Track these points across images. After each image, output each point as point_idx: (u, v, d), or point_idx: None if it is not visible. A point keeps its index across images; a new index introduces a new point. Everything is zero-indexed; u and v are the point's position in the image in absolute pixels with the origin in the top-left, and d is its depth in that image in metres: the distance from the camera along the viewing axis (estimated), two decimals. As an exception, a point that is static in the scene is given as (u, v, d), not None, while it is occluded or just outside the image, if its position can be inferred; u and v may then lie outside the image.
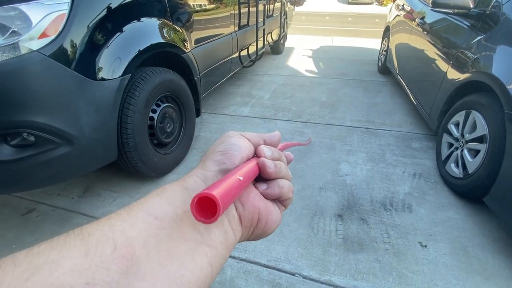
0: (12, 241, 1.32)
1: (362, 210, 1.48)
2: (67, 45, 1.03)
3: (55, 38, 0.99)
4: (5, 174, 1.02)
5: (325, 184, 1.67)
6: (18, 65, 0.92)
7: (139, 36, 1.38)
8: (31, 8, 0.96)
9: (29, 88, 0.95)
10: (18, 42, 0.94)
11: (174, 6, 1.66)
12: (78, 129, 1.09)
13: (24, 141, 1.03)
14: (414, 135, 2.24)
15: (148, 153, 1.50)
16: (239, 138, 0.28)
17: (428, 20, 2.39)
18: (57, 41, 1.00)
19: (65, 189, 1.64)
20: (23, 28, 0.95)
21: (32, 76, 0.95)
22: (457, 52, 1.79)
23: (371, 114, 2.61)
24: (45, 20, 0.96)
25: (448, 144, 1.75)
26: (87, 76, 1.10)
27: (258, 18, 2.98)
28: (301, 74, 3.86)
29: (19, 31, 0.95)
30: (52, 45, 0.98)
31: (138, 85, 1.37)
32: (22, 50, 0.94)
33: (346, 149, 2.04)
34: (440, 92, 1.90)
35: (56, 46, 1.00)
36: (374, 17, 11.18)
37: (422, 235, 1.34)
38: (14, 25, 0.95)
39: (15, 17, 0.95)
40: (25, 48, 0.95)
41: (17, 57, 0.93)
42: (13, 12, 0.95)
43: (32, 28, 0.95)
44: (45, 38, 0.97)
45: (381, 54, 3.94)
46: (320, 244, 1.29)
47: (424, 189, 1.64)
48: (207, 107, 2.73)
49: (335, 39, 6.57)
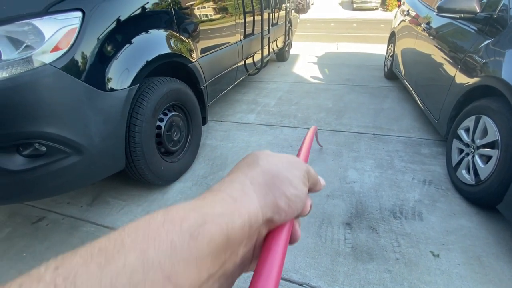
0: (23, 250, 1.34)
1: (371, 218, 1.46)
2: (78, 57, 1.06)
3: (66, 51, 1.02)
4: (18, 183, 1.04)
5: (333, 192, 1.65)
6: (31, 78, 0.96)
7: (147, 47, 1.41)
8: (44, 23, 0.99)
9: (41, 100, 0.98)
10: (32, 56, 0.97)
11: (181, 17, 1.70)
12: (88, 139, 1.12)
13: (36, 151, 1.06)
14: (423, 141, 2.20)
15: (155, 161, 1.52)
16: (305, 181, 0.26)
17: (434, 25, 2.38)
18: (68, 54, 1.03)
19: (74, 198, 1.66)
20: (36, 42, 0.98)
21: (44, 88, 0.98)
22: (465, 56, 1.76)
23: (378, 120, 2.59)
24: (57, 34, 1.00)
25: (459, 150, 1.71)
26: (97, 87, 1.13)
27: (263, 26, 3.02)
28: (307, 80, 3.87)
29: (33, 45, 0.98)
30: (63, 58, 1.02)
31: (146, 95, 1.40)
32: (35, 64, 0.98)
33: (353, 155, 2.02)
34: (449, 97, 1.87)
35: (68, 59, 1.03)
36: (379, 23, 11.20)
37: (434, 244, 1.30)
38: (27, 39, 0.98)
39: (28, 32, 0.99)
40: (38, 62, 0.98)
41: (30, 70, 0.96)
42: (27, 27, 0.99)
43: (45, 42, 0.98)
44: (57, 51, 1.00)
45: (387, 60, 3.93)
46: (328, 253, 1.27)
47: (434, 196, 1.61)
48: (213, 115, 2.75)
49: (340, 45, 6.58)
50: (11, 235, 1.43)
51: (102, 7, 1.17)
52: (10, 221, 1.51)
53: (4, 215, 1.55)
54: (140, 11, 1.38)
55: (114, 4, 1.23)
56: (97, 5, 1.15)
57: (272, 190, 0.23)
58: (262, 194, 0.23)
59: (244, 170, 0.25)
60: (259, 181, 0.24)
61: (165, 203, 1.61)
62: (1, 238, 1.41)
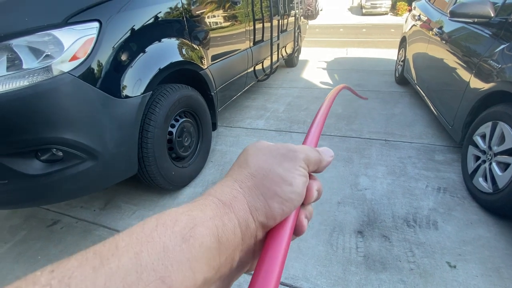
0: (38, 252, 1.37)
1: (383, 227, 1.42)
2: (95, 66, 1.10)
3: (84, 60, 1.06)
4: (36, 187, 1.07)
5: (344, 199, 1.63)
6: (50, 86, 0.99)
7: (159, 55, 1.45)
8: (64, 34, 1.04)
9: (59, 107, 1.01)
10: (51, 65, 1.01)
11: (192, 25, 1.73)
12: (102, 145, 1.15)
13: (53, 156, 1.09)
14: (437, 147, 2.15)
15: (166, 166, 1.54)
16: (306, 172, 0.25)
17: (447, 29, 2.34)
18: (85, 63, 1.07)
19: (87, 202, 1.70)
20: (56, 52, 1.02)
21: (62, 96, 1.02)
22: (479, 61, 1.73)
23: (390, 125, 2.55)
24: (76, 44, 1.04)
25: (475, 157, 1.66)
26: (112, 95, 1.16)
27: (273, 33, 3.05)
28: (316, 86, 3.86)
29: (52, 54, 1.02)
30: (81, 66, 1.06)
31: (158, 102, 1.43)
32: (54, 72, 1.02)
33: (365, 162, 1.99)
34: (463, 102, 1.83)
35: (85, 68, 1.07)
36: (389, 27, 11.12)
37: (450, 255, 1.26)
38: (47, 49, 1.03)
39: (49, 42, 1.03)
40: (57, 70, 1.02)
41: (50, 79, 1.00)
42: (47, 37, 1.03)
43: (64, 52, 1.02)
44: (75, 60, 1.04)
45: (398, 65, 3.88)
46: (340, 261, 1.24)
47: (450, 204, 1.56)
48: (223, 121, 2.77)
49: (349, 50, 6.56)
50: (27, 237, 1.47)
51: (117, 17, 1.21)
52: (26, 224, 1.56)
53: (20, 218, 1.60)
54: (153, 20, 1.42)
55: (129, 14, 1.27)
56: (112, 15, 1.19)
57: (262, 193, 0.22)
58: (252, 198, 0.22)
59: (234, 173, 0.24)
60: (248, 185, 0.23)
61: (175, 208, 1.62)
62: (18, 241, 1.45)
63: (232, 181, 0.23)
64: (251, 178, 0.23)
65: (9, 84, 0.95)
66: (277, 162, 0.24)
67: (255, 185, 0.23)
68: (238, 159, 0.26)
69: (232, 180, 0.23)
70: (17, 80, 0.96)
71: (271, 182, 0.23)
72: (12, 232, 1.51)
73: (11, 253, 1.37)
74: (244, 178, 0.23)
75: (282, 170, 0.23)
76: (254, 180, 0.23)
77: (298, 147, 0.26)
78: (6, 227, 1.54)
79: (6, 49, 0.96)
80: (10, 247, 1.41)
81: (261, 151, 0.25)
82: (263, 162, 0.24)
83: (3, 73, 0.95)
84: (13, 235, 1.49)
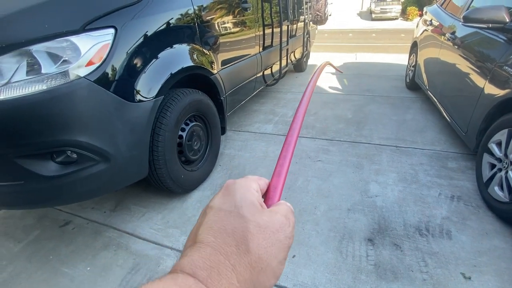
0: (50, 252, 1.40)
1: (394, 235, 1.39)
2: (109, 71, 1.13)
3: (99, 65, 1.09)
4: (50, 188, 1.10)
5: (354, 206, 1.60)
6: (67, 90, 1.02)
7: (171, 60, 1.47)
8: (81, 40, 1.07)
9: (75, 111, 1.04)
10: (68, 69, 1.05)
11: (203, 30, 1.76)
12: (115, 148, 1.17)
13: (68, 158, 1.12)
14: (450, 154, 2.10)
15: (176, 170, 1.55)
16: None
17: (459, 34, 2.30)
18: (101, 68, 1.10)
19: (98, 203, 1.73)
20: (73, 57, 1.05)
21: (78, 100, 1.05)
22: (494, 67, 1.69)
23: (401, 131, 2.51)
24: (92, 50, 1.07)
25: (490, 165, 1.62)
26: (125, 99, 1.19)
27: (282, 38, 3.07)
28: (325, 91, 3.85)
29: (70, 60, 1.06)
30: (96, 71, 1.08)
31: (169, 106, 1.45)
32: (71, 77, 1.05)
33: (375, 168, 1.96)
34: (478, 108, 1.79)
35: (100, 72, 1.09)
36: (399, 32, 11.01)
37: (464, 266, 1.22)
38: (65, 54, 1.06)
39: (66, 48, 1.07)
40: (73, 75, 1.05)
41: (67, 83, 1.03)
42: (65, 43, 1.06)
43: (81, 57, 1.05)
44: (91, 65, 1.07)
45: (409, 70, 3.83)
46: (349, 270, 1.22)
47: (464, 213, 1.52)
48: (231, 125, 2.79)
49: (359, 55, 6.52)
50: (40, 237, 1.50)
51: (131, 24, 1.24)
52: (39, 223, 1.59)
53: (34, 218, 1.64)
54: (165, 26, 1.45)
55: (142, 20, 1.30)
56: (127, 22, 1.22)
57: (255, 286, 0.21)
58: None
59: (232, 256, 0.21)
60: (246, 277, 0.21)
61: (184, 212, 1.63)
62: (31, 240, 1.48)
63: (230, 269, 0.20)
64: (250, 270, 0.21)
65: (28, 88, 0.98)
66: (275, 253, 0.22)
67: (251, 278, 0.21)
68: (232, 220, 0.22)
69: (230, 268, 0.20)
70: (36, 84, 0.99)
71: (265, 278, 0.22)
72: (26, 231, 1.54)
73: (25, 252, 1.41)
74: (243, 269, 0.21)
75: (277, 264, 0.22)
76: (252, 273, 0.21)
77: (285, 222, 0.24)
78: (20, 227, 1.58)
79: (27, 54, 1.00)
80: (23, 246, 1.44)
81: (262, 234, 0.22)
82: (264, 251, 0.22)
83: (23, 77, 0.99)
84: (27, 234, 1.52)
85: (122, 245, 1.41)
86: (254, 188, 0.26)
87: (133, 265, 1.30)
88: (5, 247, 1.44)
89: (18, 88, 0.98)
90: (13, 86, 0.97)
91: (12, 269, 1.31)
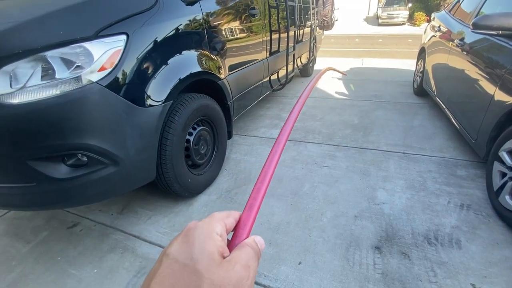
0: (59, 254, 1.41)
1: (402, 243, 1.37)
2: (120, 76, 1.15)
3: (111, 71, 1.12)
4: (61, 190, 1.12)
5: (361, 213, 1.59)
6: (79, 95, 1.05)
7: (180, 65, 1.50)
8: (94, 46, 1.09)
9: (87, 115, 1.07)
10: (81, 75, 1.07)
11: (212, 36, 1.79)
12: (125, 151, 1.19)
13: (78, 161, 1.14)
14: (459, 162, 2.07)
15: (183, 173, 1.56)
16: None
17: (468, 40, 2.29)
18: (112, 73, 1.12)
19: (105, 206, 1.75)
20: (86, 63, 1.08)
21: (90, 104, 1.07)
22: (504, 74, 1.67)
23: (409, 138, 2.49)
24: (104, 56, 1.10)
25: (501, 173, 1.59)
26: (135, 103, 1.21)
27: (289, 44, 3.08)
28: (331, 96, 3.84)
29: (83, 65, 1.08)
30: (108, 77, 1.11)
31: (178, 110, 1.47)
32: (84, 82, 1.07)
33: (382, 175, 1.94)
34: (488, 116, 1.76)
35: (112, 78, 1.12)
36: (407, 38, 10.96)
37: (475, 276, 1.19)
38: (78, 60, 1.09)
39: (80, 54, 1.09)
40: (86, 80, 1.07)
41: (79, 88, 1.06)
42: (79, 49, 1.09)
43: (93, 63, 1.08)
44: (103, 71, 1.10)
45: (416, 76, 3.81)
46: (356, 278, 1.21)
47: (474, 222, 1.49)
48: (237, 130, 2.80)
49: (365, 60, 6.51)
50: (48, 238, 1.52)
51: (142, 30, 1.27)
52: (48, 225, 1.62)
53: (43, 219, 1.66)
54: (175, 32, 1.48)
55: (153, 27, 1.33)
56: (138, 28, 1.25)
57: None
58: None
59: None
60: None
61: (190, 215, 1.64)
62: (40, 241, 1.50)
63: None
64: None
65: (43, 92, 1.01)
66: None
67: None
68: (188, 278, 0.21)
69: None
70: (50, 89, 1.02)
71: None
72: (34, 232, 1.57)
73: (33, 253, 1.43)
74: None
75: None
76: None
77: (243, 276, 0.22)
78: (29, 228, 1.60)
79: (42, 60, 1.03)
80: (32, 247, 1.47)
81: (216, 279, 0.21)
82: None
83: (37, 82, 1.02)
84: (36, 235, 1.54)
85: (129, 247, 1.42)
86: (217, 232, 0.24)
87: (139, 268, 1.31)
88: (15, 247, 1.47)
89: (32, 92, 1.00)
90: (28, 91, 1.00)
91: (21, 270, 1.33)
